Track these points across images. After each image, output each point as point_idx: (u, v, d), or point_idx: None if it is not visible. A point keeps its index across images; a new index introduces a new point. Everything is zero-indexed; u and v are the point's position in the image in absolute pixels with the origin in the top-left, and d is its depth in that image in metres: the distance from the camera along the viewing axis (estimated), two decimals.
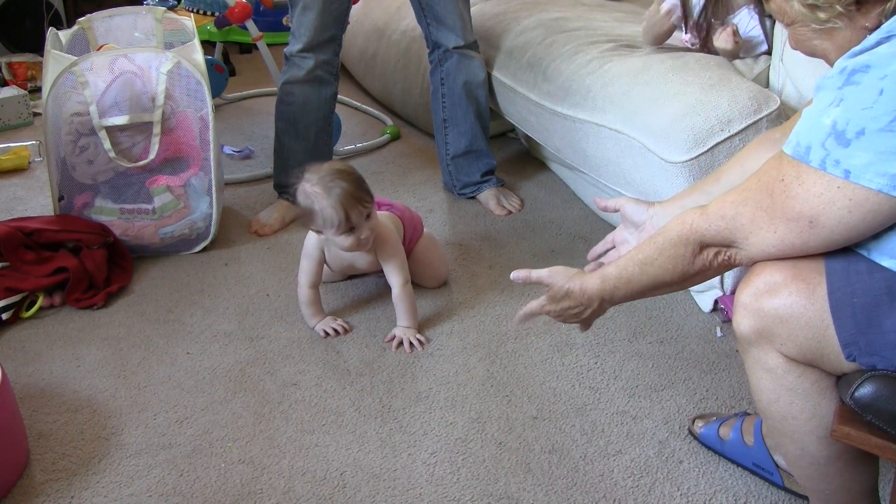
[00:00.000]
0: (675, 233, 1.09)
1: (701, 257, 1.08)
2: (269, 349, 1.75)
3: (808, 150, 0.92)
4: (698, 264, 1.08)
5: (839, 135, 0.88)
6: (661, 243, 1.11)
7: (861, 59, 0.89)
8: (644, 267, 1.14)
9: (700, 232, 1.05)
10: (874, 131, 0.86)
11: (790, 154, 0.95)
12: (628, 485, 1.39)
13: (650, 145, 1.73)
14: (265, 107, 3.16)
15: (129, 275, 2.01)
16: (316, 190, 1.64)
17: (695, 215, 1.07)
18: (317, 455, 1.46)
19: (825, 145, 0.90)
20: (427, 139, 2.87)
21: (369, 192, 1.69)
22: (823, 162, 0.90)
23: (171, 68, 1.99)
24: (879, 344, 0.95)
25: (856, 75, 0.88)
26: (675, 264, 1.10)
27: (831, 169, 0.89)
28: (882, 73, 0.86)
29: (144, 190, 2.05)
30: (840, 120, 0.88)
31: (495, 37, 2.39)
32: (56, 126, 1.99)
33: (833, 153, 0.89)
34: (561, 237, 2.22)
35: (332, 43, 2.15)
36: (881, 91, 0.85)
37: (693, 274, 1.10)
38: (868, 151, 0.86)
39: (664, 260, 1.11)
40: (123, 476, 1.41)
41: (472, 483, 1.40)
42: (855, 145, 0.87)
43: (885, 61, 0.86)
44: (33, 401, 1.59)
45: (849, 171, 0.88)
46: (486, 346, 1.76)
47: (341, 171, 1.67)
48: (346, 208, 1.63)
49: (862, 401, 0.96)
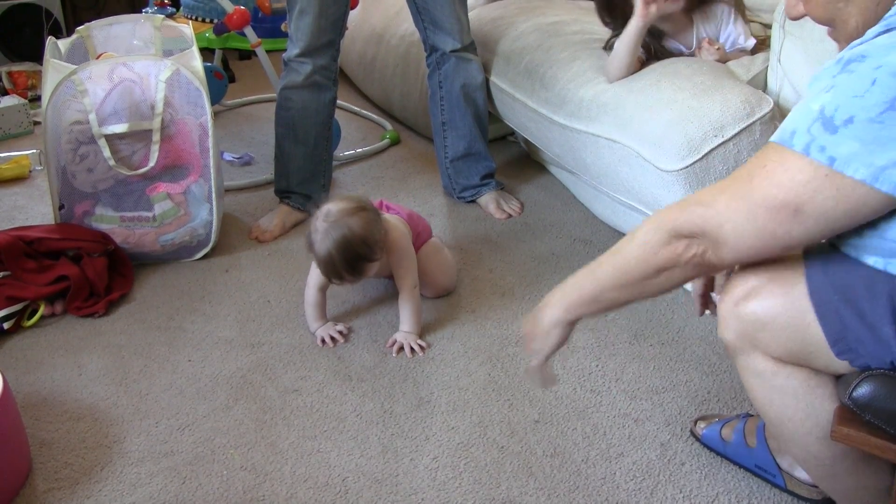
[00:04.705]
0: (646, 223, 1.04)
1: (669, 248, 1.00)
2: (271, 355, 1.75)
3: (792, 135, 0.89)
4: (664, 256, 1.00)
5: (827, 120, 0.85)
6: (633, 234, 1.05)
7: (858, 49, 0.87)
8: (611, 257, 1.07)
9: (672, 219, 0.99)
10: (864, 120, 0.83)
11: (775, 140, 0.91)
12: (630, 487, 1.39)
13: (645, 154, 1.73)
14: (265, 113, 3.17)
15: (129, 282, 2.01)
16: (317, 230, 1.67)
17: (669, 207, 1.02)
18: (319, 461, 1.46)
19: (811, 130, 0.87)
20: (427, 143, 2.87)
21: (357, 272, 1.67)
22: (808, 147, 0.87)
23: (170, 76, 1.99)
24: (867, 339, 0.95)
25: (851, 64, 0.86)
26: (640, 252, 1.03)
27: (816, 154, 0.86)
28: (877, 62, 0.84)
29: (144, 197, 2.05)
30: (829, 106, 0.86)
31: (493, 41, 2.39)
32: (56, 135, 2.00)
33: (819, 138, 0.86)
34: (561, 240, 2.22)
35: (329, 48, 2.16)
36: (874, 81, 0.83)
37: (658, 267, 1.02)
38: (856, 140, 0.84)
39: (630, 251, 1.04)
40: (126, 484, 1.41)
41: (475, 488, 1.40)
42: (842, 133, 0.84)
43: (882, 52, 0.84)
44: (35, 409, 1.59)
45: (834, 158, 0.85)
46: (488, 351, 1.76)
47: (346, 235, 1.63)
48: (326, 273, 1.69)
49: (860, 400, 0.97)
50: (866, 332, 0.95)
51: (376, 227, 1.69)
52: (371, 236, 1.66)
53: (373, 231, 1.67)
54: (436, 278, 1.93)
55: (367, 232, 1.66)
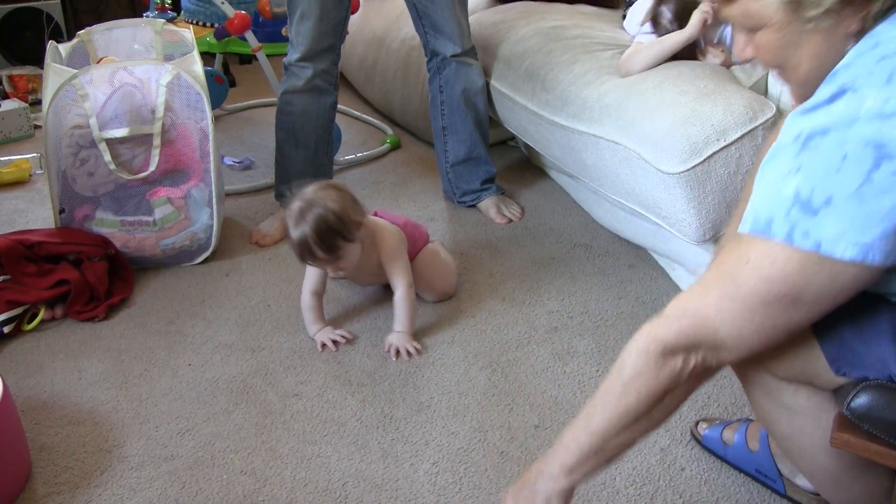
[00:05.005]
0: (633, 348, 0.96)
1: (667, 369, 0.93)
2: (271, 360, 1.75)
3: (769, 223, 0.83)
4: (664, 378, 0.94)
5: (805, 203, 0.81)
6: (620, 367, 0.97)
7: (817, 122, 0.82)
8: (605, 399, 0.98)
9: (660, 338, 0.93)
10: (843, 198, 0.79)
11: (749, 232, 0.86)
12: (630, 493, 1.39)
13: (647, 156, 1.73)
14: (265, 117, 3.17)
15: (130, 287, 2.01)
16: (292, 208, 1.68)
17: (651, 324, 0.95)
18: (319, 466, 1.46)
19: (790, 216, 0.82)
20: (427, 148, 2.88)
21: (331, 249, 1.66)
22: (790, 234, 0.82)
23: (170, 80, 2.00)
24: (865, 355, 0.95)
25: (813, 140, 0.81)
26: (638, 387, 0.95)
27: (800, 241, 0.81)
28: (842, 136, 0.79)
29: (145, 202, 2.05)
30: (803, 188, 0.81)
31: (493, 46, 2.40)
32: (56, 139, 2.00)
33: (800, 223, 0.81)
34: (561, 245, 2.22)
35: (330, 52, 2.16)
36: (844, 156, 0.78)
37: (661, 393, 0.95)
38: (839, 220, 0.79)
39: (626, 385, 0.96)
40: (126, 488, 1.41)
41: (475, 493, 1.39)
42: (824, 214, 0.80)
43: (844, 124, 0.79)
44: (35, 413, 1.59)
45: (820, 241, 0.80)
46: (488, 355, 1.76)
47: (321, 213, 1.64)
48: (299, 254, 1.69)
49: (858, 411, 0.96)
50: (865, 349, 0.95)
51: (352, 207, 1.70)
52: (345, 212, 1.67)
53: (347, 208, 1.68)
54: (435, 283, 1.94)
55: (342, 208, 1.67)
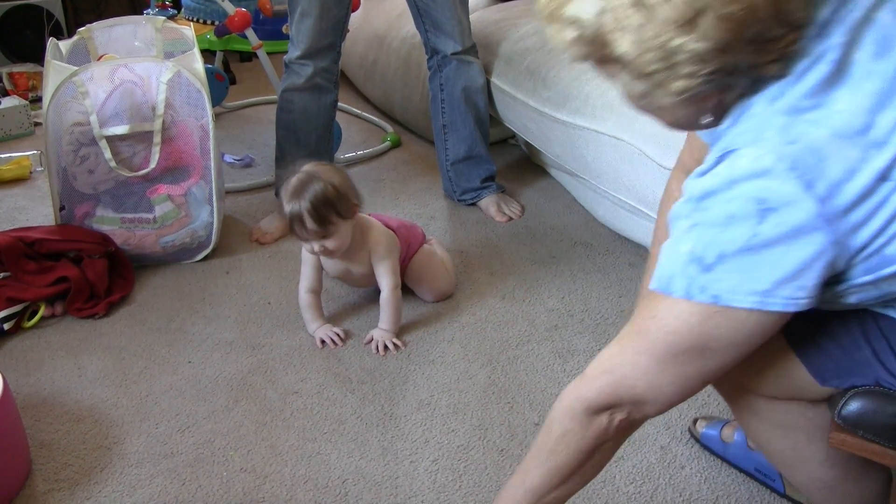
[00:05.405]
0: (559, 408, 0.99)
1: (594, 426, 0.96)
2: (271, 357, 1.75)
3: (670, 281, 0.86)
4: (592, 435, 0.97)
5: (699, 260, 0.83)
6: (549, 426, 1.00)
7: (706, 184, 0.84)
8: (537, 456, 1.02)
9: (583, 398, 0.96)
10: (733, 253, 0.81)
11: (655, 288, 0.89)
12: (630, 491, 1.39)
13: (648, 152, 1.74)
14: (266, 115, 3.17)
15: (130, 284, 2.01)
16: (289, 181, 1.68)
17: (575, 383, 0.98)
18: (319, 463, 1.46)
19: (686, 273, 0.85)
20: (428, 146, 2.87)
21: (322, 223, 1.65)
22: (689, 290, 0.84)
23: (171, 77, 2.00)
24: (845, 360, 0.96)
25: (704, 201, 0.84)
26: (567, 445, 0.98)
27: (698, 296, 0.84)
28: (727, 195, 0.81)
29: (145, 199, 2.05)
30: (697, 246, 0.84)
31: (494, 43, 2.39)
32: (57, 136, 2.00)
33: (696, 280, 0.84)
34: (562, 243, 2.22)
35: (330, 50, 2.16)
36: (731, 215, 0.81)
37: (590, 449, 0.98)
38: (732, 273, 0.82)
39: (556, 444, 0.99)
40: (126, 485, 1.41)
41: (475, 490, 1.40)
42: (718, 269, 0.82)
43: (726, 185, 0.82)
44: (35, 410, 1.59)
45: (717, 295, 0.83)
46: (488, 353, 1.76)
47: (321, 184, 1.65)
48: (291, 221, 1.68)
49: (850, 419, 0.97)
50: (843, 353, 0.96)
51: (349, 186, 1.71)
52: (344, 188, 1.68)
53: (344, 184, 1.69)
54: (432, 284, 1.94)
55: (339, 182, 1.68)
